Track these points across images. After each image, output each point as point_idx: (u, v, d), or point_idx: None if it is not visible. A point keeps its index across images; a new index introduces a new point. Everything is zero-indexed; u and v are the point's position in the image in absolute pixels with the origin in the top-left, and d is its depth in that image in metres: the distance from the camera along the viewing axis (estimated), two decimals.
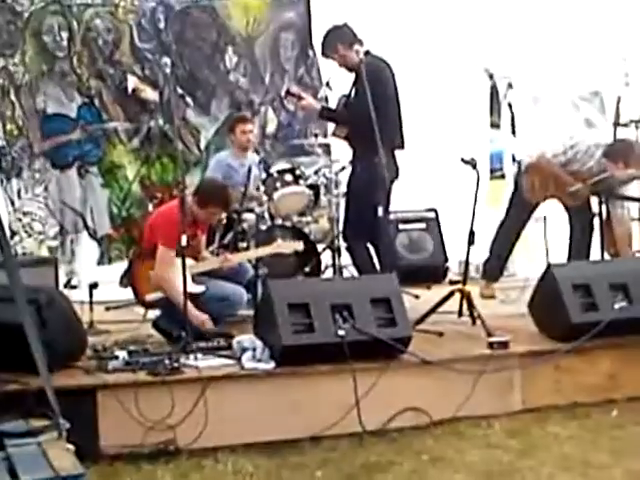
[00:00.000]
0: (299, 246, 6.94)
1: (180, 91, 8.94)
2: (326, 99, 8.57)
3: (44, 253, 8.52)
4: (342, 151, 7.75)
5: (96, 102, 8.80)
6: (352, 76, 7.20)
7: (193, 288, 6.29)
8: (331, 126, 7.78)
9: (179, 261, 5.99)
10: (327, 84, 7.96)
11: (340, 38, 7.20)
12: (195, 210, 6.53)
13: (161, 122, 8.78)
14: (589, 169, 7.50)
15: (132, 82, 8.84)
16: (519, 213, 7.89)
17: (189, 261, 6.34)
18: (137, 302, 6.75)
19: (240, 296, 6.57)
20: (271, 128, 9.40)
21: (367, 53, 6.99)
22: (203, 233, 6.81)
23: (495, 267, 8.05)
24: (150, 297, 6.46)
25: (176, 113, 8.53)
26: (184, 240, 5.91)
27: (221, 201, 6.63)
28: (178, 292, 6.10)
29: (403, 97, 7.48)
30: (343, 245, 7.52)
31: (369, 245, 7.32)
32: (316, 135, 8.36)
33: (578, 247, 7.80)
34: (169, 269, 6.28)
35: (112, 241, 8.81)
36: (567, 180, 7.51)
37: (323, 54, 7.52)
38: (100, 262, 8.81)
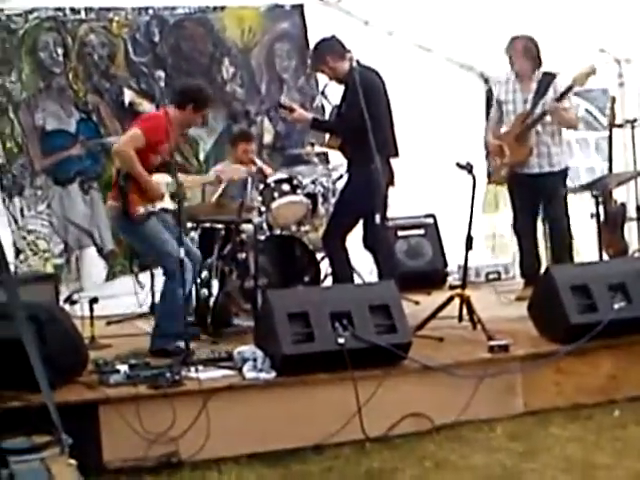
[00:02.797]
0: (243, 173, 7.06)
1: None
2: (322, 108, 8.60)
3: (50, 271, 8.47)
4: (339, 160, 7.75)
5: (94, 117, 8.83)
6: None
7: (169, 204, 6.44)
8: (327, 135, 7.78)
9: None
10: (322, 93, 7.97)
11: (329, 50, 7.17)
12: (178, 116, 6.48)
13: None
14: (514, 110, 7.79)
15: (129, 96, 8.86)
16: (518, 207, 7.92)
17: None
18: (126, 216, 6.47)
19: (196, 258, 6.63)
20: (268, 138, 9.43)
21: (357, 63, 6.97)
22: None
23: (529, 267, 7.95)
24: (140, 211, 6.39)
25: None
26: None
27: (200, 98, 6.54)
28: (141, 171, 6.28)
29: (400, 104, 7.49)
30: None
31: (369, 252, 7.35)
32: (312, 144, 8.36)
33: (559, 250, 7.74)
34: (131, 150, 6.28)
35: (116, 257, 8.80)
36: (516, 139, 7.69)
37: (313, 68, 7.50)
38: (108, 278, 8.82)
